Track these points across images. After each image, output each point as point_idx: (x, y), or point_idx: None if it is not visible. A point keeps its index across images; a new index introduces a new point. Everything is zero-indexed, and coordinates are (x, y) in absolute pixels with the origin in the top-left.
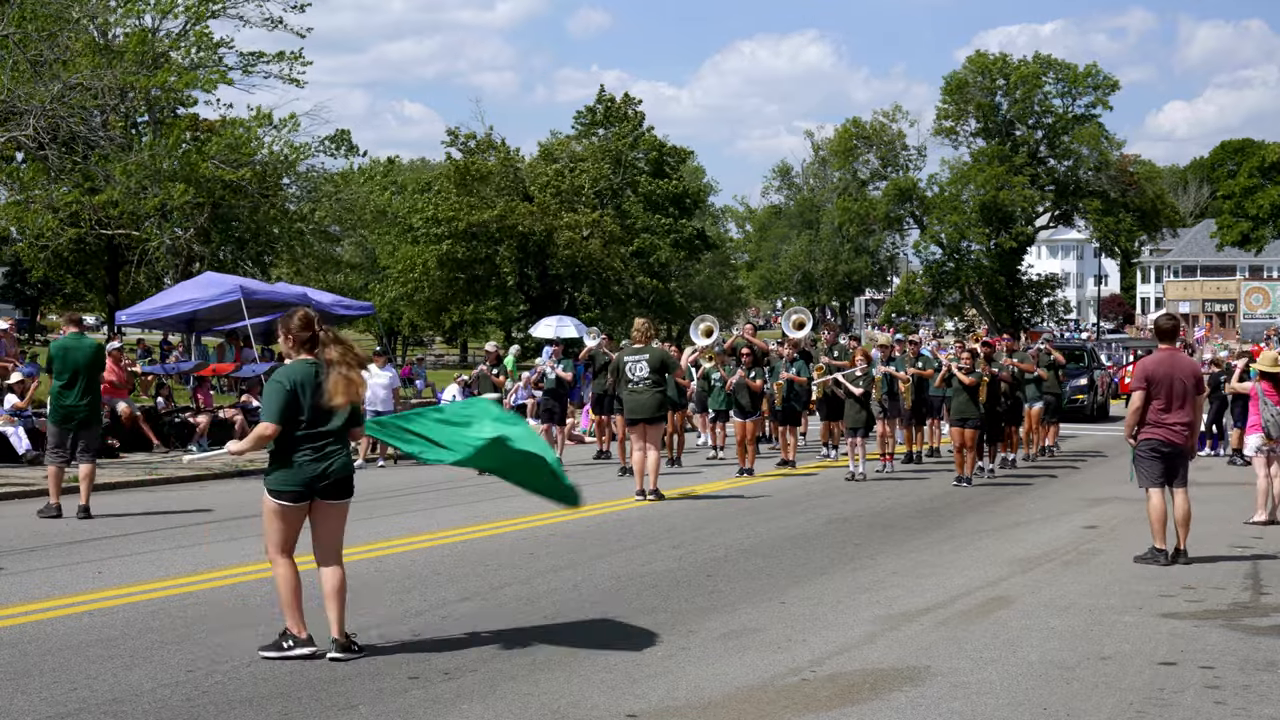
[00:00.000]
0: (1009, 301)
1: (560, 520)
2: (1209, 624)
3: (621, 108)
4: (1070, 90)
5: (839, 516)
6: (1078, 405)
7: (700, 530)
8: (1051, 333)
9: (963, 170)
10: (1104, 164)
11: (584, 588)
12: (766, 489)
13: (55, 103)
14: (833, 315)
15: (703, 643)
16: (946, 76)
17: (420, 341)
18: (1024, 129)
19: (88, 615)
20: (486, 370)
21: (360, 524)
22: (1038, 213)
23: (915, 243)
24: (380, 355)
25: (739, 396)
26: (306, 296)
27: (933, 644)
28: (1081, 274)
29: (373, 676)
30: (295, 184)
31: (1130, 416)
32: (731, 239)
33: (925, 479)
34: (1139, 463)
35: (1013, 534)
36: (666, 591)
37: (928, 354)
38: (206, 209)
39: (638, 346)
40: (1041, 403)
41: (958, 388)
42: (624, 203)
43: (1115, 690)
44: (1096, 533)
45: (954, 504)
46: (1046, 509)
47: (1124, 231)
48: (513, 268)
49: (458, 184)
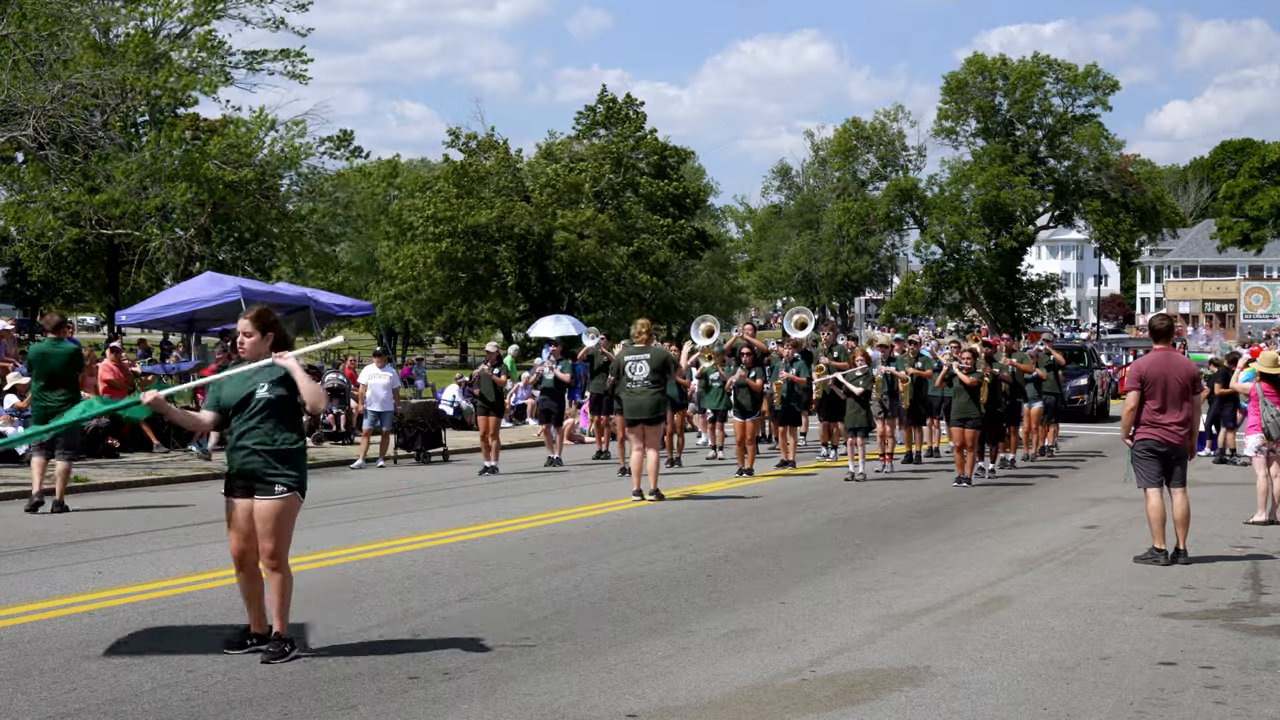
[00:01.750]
0: (1009, 302)
1: (560, 520)
2: (1209, 624)
3: (623, 108)
4: (1070, 90)
5: (839, 516)
6: (1077, 405)
7: (700, 530)
8: (1052, 333)
9: (963, 170)
10: (1104, 164)
11: (584, 588)
12: (766, 489)
13: (55, 102)
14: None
15: (702, 643)
16: (946, 76)
17: (420, 341)
18: (1024, 129)
19: (87, 615)
20: (487, 370)
21: (360, 524)
22: (1038, 213)
23: (915, 243)
24: (380, 355)
25: (739, 396)
26: (307, 297)
27: (933, 644)
28: (1081, 274)
29: (373, 677)
30: (296, 184)
31: (1126, 417)
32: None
33: (925, 479)
34: (1136, 463)
35: (1013, 534)
36: (666, 592)
37: (927, 354)
38: (207, 209)
39: (638, 346)
40: (1041, 403)
41: (959, 388)
42: (625, 203)
43: (1115, 690)
44: (1096, 533)
45: (954, 504)
46: (1046, 509)
47: (1124, 232)
48: (513, 268)
49: (456, 185)
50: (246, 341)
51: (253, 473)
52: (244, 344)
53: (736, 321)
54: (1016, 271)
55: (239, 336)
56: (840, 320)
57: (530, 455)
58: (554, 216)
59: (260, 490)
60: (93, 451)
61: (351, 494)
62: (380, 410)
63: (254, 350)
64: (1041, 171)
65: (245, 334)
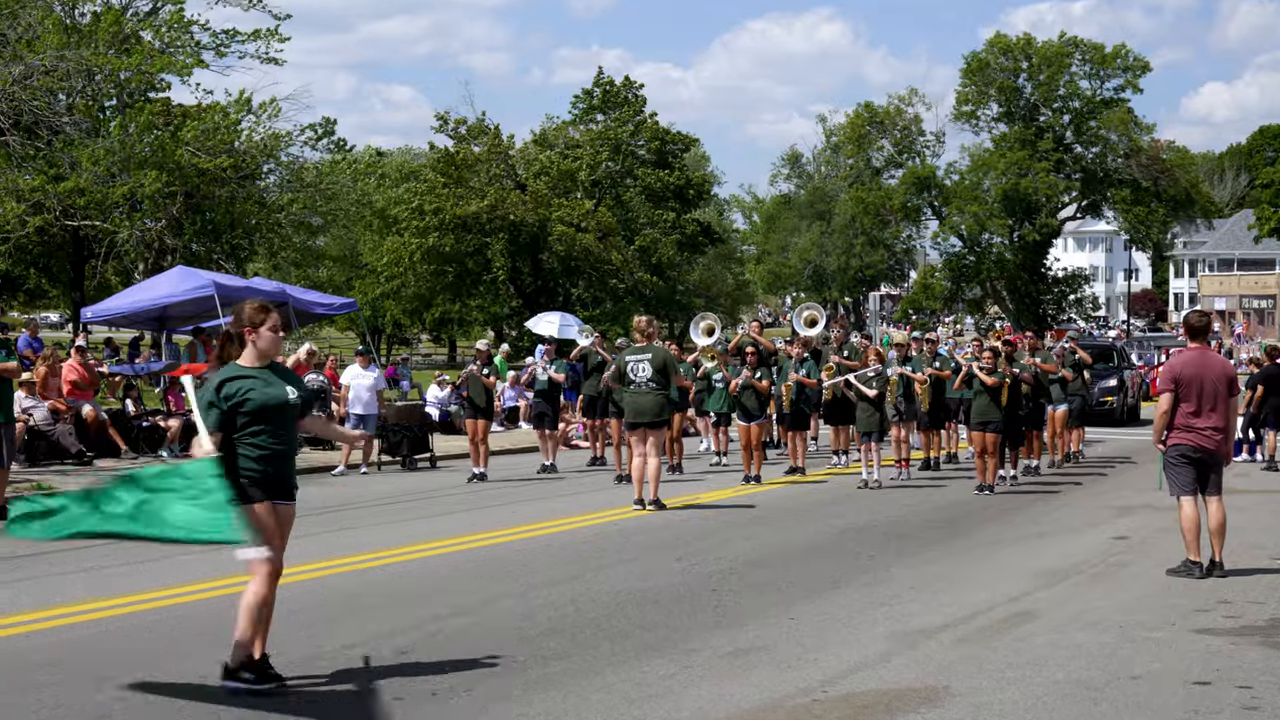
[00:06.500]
0: (1033, 297)
1: (556, 531)
2: (1246, 641)
3: (621, 91)
4: (1098, 72)
5: (852, 527)
6: (1106, 408)
7: (704, 541)
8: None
9: (983, 157)
10: (1134, 150)
11: (581, 602)
12: (774, 497)
13: (17, 85)
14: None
15: (706, 661)
16: (966, 57)
17: (405, 340)
18: (1049, 113)
19: (39, 635)
20: (476, 370)
21: (343, 534)
22: (1063, 202)
23: (933, 234)
24: (363, 355)
25: (744, 399)
26: (285, 293)
27: (952, 662)
28: (1111, 268)
29: (355, 697)
30: (275, 172)
31: (1158, 420)
32: (738, 230)
33: (943, 486)
34: (1169, 469)
35: (1037, 545)
36: (668, 606)
37: (945, 354)
38: (179, 199)
39: (639, 346)
40: (1066, 406)
41: (979, 389)
42: (624, 193)
43: (1146, 711)
44: (1126, 544)
45: (974, 513)
46: (1073, 519)
47: (1155, 222)
48: (504, 261)
49: (444, 173)
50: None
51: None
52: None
53: (742, 319)
54: (1041, 265)
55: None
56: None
57: (522, 461)
58: (549, 206)
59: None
60: (59, 457)
61: (333, 502)
62: (363, 413)
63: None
64: (1067, 158)
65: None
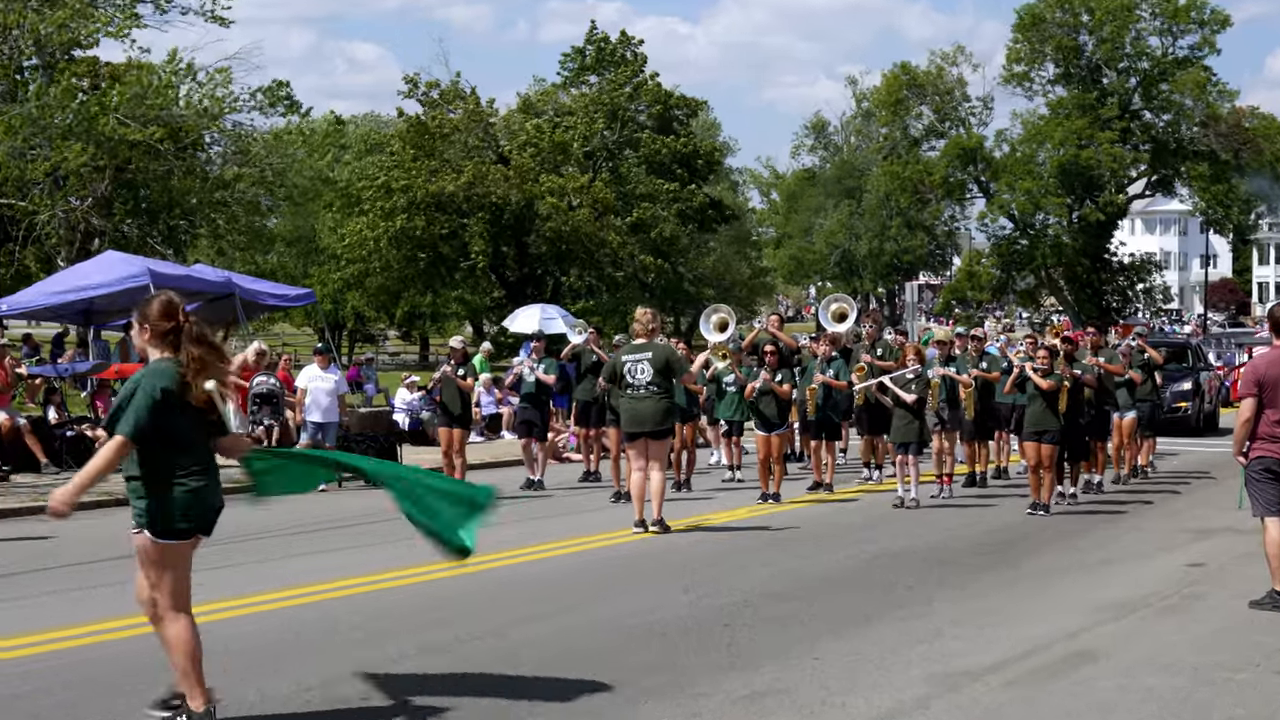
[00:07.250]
0: (1095, 288)
1: (544, 557)
2: None
3: (617, 49)
4: (1170, 27)
5: (885, 552)
6: (1180, 415)
7: (714, 569)
8: (1148, 326)
9: (1038, 126)
10: (1212, 118)
11: (572, 639)
12: (796, 518)
13: None
14: (879, 304)
15: (718, 707)
16: (1019, 10)
17: (370, 337)
18: (1113, 75)
19: None
20: (451, 372)
21: (298, 559)
22: (1130, 178)
23: (980, 214)
24: (322, 354)
25: (761, 405)
26: (231, 282)
27: (1001, 707)
28: (1185, 254)
29: None
30: (218, 143)
31: (1239, 430)
32: (754, 209)
33: (992, 506)
34: (1251, 486)
35: (1099, 574)
36: (674, 643)
37: (994, 352)
38: (108, 174)
39: (639, 343)
40: (1134, 412)
41: (1033, 394)
42: (622, 165)
43: None
44: (1202, 572)
45: (1027, 536)
46: (1141, 543)
47: (1237, 202)
48: (484, 246)
49: (415, 145)
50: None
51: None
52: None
53: (759, 312)
54: (1104, 250)
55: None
56: (887, 311)
57: (504, 476)
58: (536, 183)
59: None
60: None
61: (287, 523)
62: (322, 421)
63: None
64: (1135, 127)
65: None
